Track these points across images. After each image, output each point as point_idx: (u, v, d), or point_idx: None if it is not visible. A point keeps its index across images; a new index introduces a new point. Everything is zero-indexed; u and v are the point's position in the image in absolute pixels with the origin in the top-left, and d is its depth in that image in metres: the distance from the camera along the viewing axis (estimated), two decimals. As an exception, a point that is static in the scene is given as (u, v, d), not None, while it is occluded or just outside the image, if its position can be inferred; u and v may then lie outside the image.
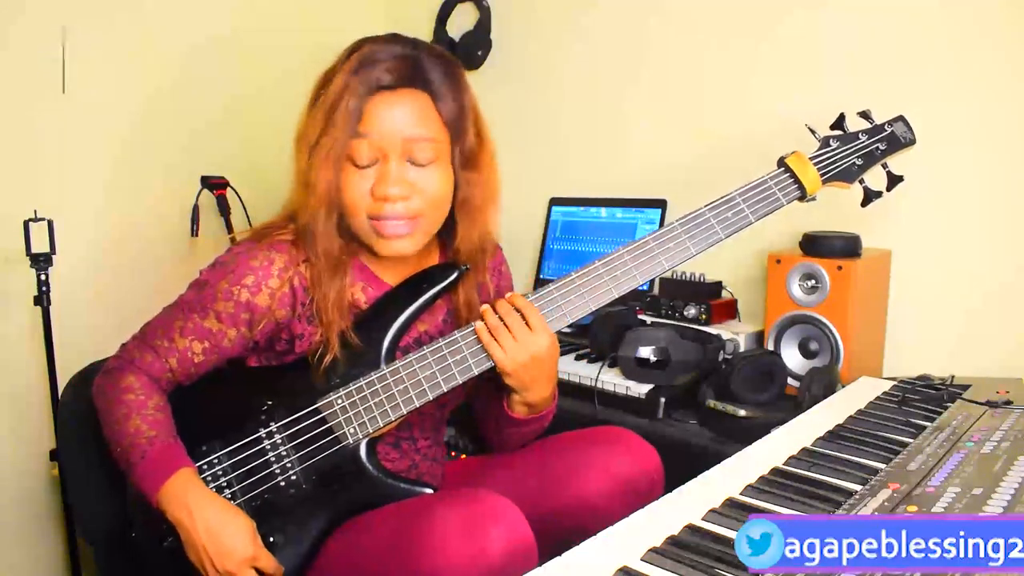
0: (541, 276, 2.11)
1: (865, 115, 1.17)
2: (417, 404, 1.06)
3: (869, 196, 1.17)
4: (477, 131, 1.13)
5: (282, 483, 1.07)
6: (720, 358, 1.57)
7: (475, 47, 2.23)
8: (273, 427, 1.08)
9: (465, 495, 0.98)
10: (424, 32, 2.33)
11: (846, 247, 1.50)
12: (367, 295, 1.13)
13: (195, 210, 1.93)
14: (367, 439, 1.08)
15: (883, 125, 1.17)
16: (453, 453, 1.73)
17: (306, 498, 1.07)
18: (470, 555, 0.90)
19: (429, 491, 1.08)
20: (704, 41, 1.86)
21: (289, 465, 1.07)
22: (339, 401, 1.07)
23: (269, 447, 1.08)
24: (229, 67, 2.08)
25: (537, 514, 1.03)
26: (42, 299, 1.65)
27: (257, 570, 1.03)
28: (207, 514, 1.02)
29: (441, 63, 1.09)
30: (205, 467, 1.08)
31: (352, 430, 1.07)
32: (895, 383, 1.29)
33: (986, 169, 1.52)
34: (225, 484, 1.08)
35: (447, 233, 1.17)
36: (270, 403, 1.09)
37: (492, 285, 1.25)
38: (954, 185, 1.55)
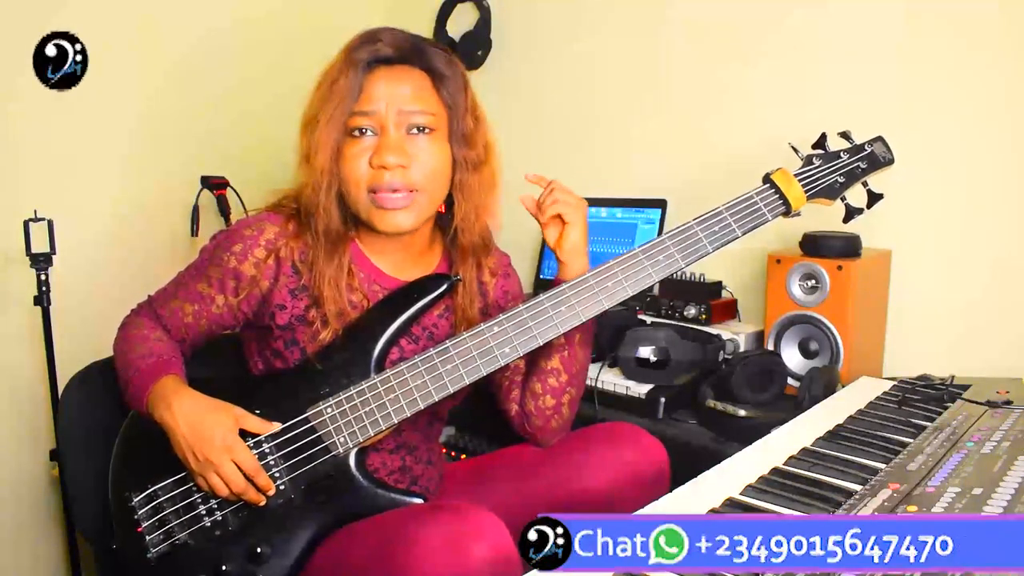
0: (541, 276, 2.11)
1: (845, 135, 1.19)
2: (408, 414, 1.05)
3: (851, 213, 1.19)
4: (475, 116, 1.15)
5: (270, 493, 1.06)
6: (720, 358, 1.57)
7: (475, 47, 2.23)
8: (262, 436, 1.06)
9: (449, 510, 0.97)
10: (424, 32, 2.32)
11: (846, 247, 1.50)
12: (358, 279, 1.13)
13: (195, 210, 1.93)
14: (357, 448, 1.07)
15: (863, 145, 1.19)
16: (453, 453, 1.72)
17: (294, 508, 1.05)
18: (451, 571, 0.89)
19: (418, 501, 1.07)
20: (703, 40, 1.86)
21: (278, 475, 1.05)
22: (329, 410, 1.06)
23: (258, 456, 1.06)
24: (229, 67, 2.08)
25: (542, 512, 1.02)
26: (42, 299, 1.65)
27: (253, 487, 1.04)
28: (188, 407, 1.04)
29: (440, 51, 1.14)
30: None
31: (342, 439, 1.06)
32: (895, 383, 1.29)
33: (986, 169, 1.52)
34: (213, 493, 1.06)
35: (448, 224, 1.18)
36: (258, 412, 1.07)
37: (499, 286, 1.25)
38: (954, 185, 1.55)
